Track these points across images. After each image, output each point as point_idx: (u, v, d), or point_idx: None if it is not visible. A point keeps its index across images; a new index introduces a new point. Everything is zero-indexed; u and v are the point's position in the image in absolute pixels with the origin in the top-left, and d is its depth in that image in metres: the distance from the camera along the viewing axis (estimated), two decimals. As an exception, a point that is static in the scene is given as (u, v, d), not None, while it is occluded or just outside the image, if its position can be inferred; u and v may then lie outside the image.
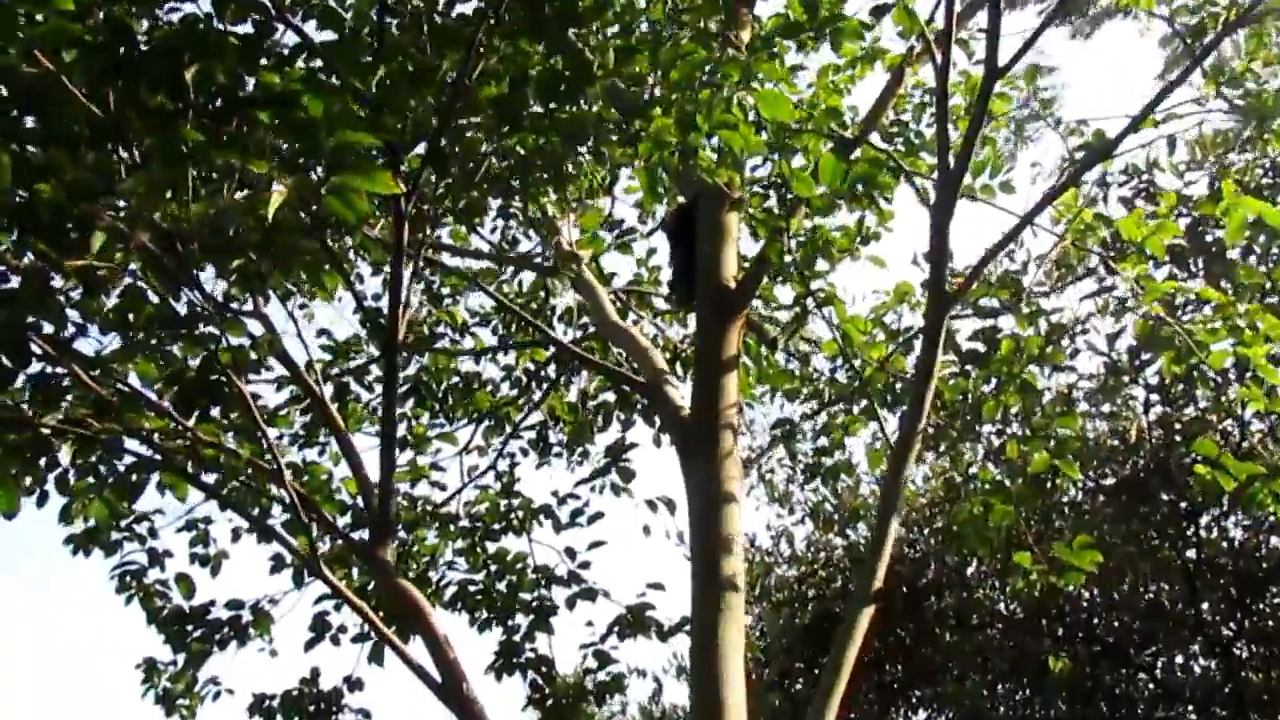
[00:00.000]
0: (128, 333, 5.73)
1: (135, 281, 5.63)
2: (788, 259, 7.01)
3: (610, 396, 10.02)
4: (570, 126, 5.38)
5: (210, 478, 6.42)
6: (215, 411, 5.79)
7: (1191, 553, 13.80)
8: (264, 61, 4.81)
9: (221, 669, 9.75)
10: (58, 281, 5.29)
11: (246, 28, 4.91)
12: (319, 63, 4.90)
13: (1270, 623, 13.85)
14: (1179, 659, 14.86)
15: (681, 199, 7.96)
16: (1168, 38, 18.12)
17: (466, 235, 9.23)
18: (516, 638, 8.89)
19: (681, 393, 7.29)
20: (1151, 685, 14.79)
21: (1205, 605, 14.00)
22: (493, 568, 9.27)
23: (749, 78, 5.32)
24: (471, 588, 9.21)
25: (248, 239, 5.01)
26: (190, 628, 8.11)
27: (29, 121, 4.60)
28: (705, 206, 7.45)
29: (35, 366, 5.25)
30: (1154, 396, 13.36)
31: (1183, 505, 13.54)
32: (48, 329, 5.16)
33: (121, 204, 4.40)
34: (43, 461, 5.69)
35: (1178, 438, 12.90)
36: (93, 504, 6.38)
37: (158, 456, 5.81)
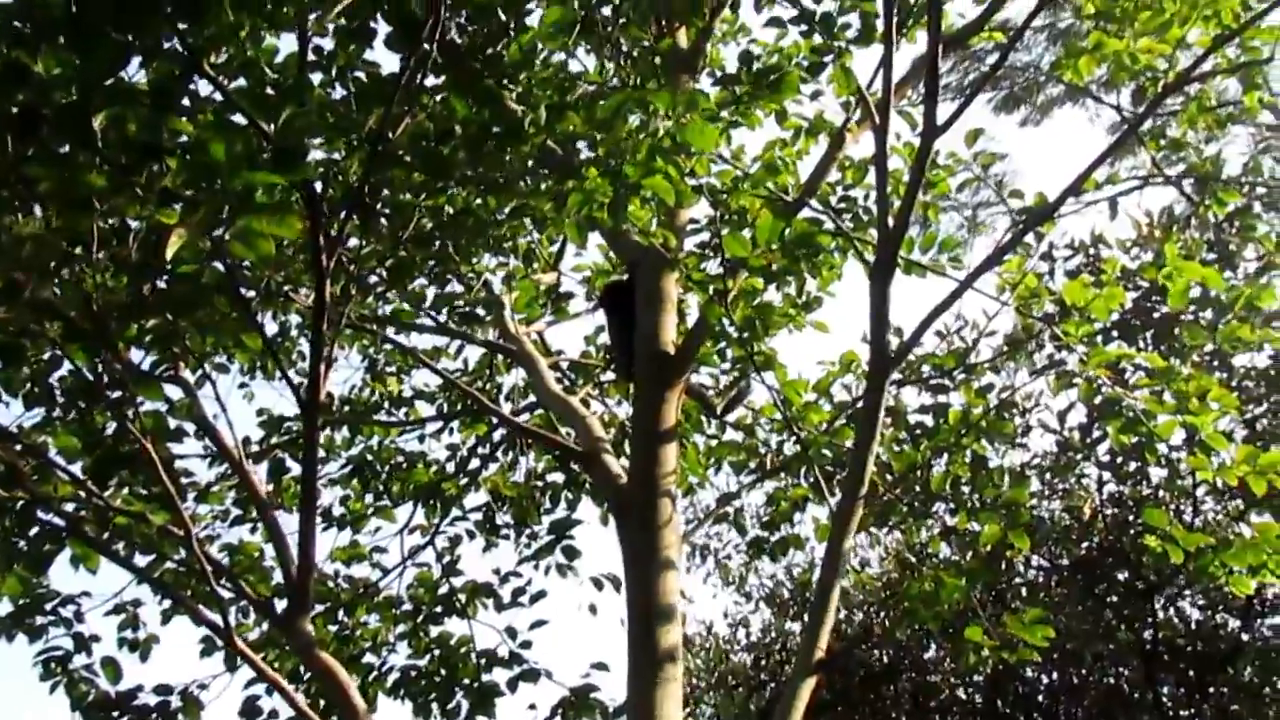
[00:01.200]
0: (49, 407, 5.58)
1: (56, 351, 5.51)
2: (726, 323, 6.90)
3: (559, 477, 9.88)
4: (495, 183, 5.28)
5: (124, 548, 6.19)
6: (131, 479, 5.61)
7: (1149, 634, 13.65)
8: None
9: (149, 757, 9.41)
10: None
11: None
12: (240, 118, 4.80)
13: (1230, 705, 13.68)
14: (1139, 743, 14.67)
15: (617, 275, 7.88)
16: (1116, 124, 18.30)
17: (414, 313, 9.11)
18: (457, 722, 8.65)
19: (620, 462, 7.14)
20: (1112, 770, 14.57)
21: (1164, 688, 13.83)
22: (436, 652, 9.05)
23: (677, 105, 5.23)
24: (414, 673, 8.98)
25: (163, 297, 4.88)
26: (116, 714, 7.80)
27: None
28: (643, 271, 7.37)
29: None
30: (1106, 474, 13.28)
31: (1139, 585, 13.42)
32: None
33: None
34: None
35: (1132, 516, 12.82)
36: (5, 580, 6.15)
37: (67, 527, 5.60)
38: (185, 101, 4.85)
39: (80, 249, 4.49)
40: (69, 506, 5.82)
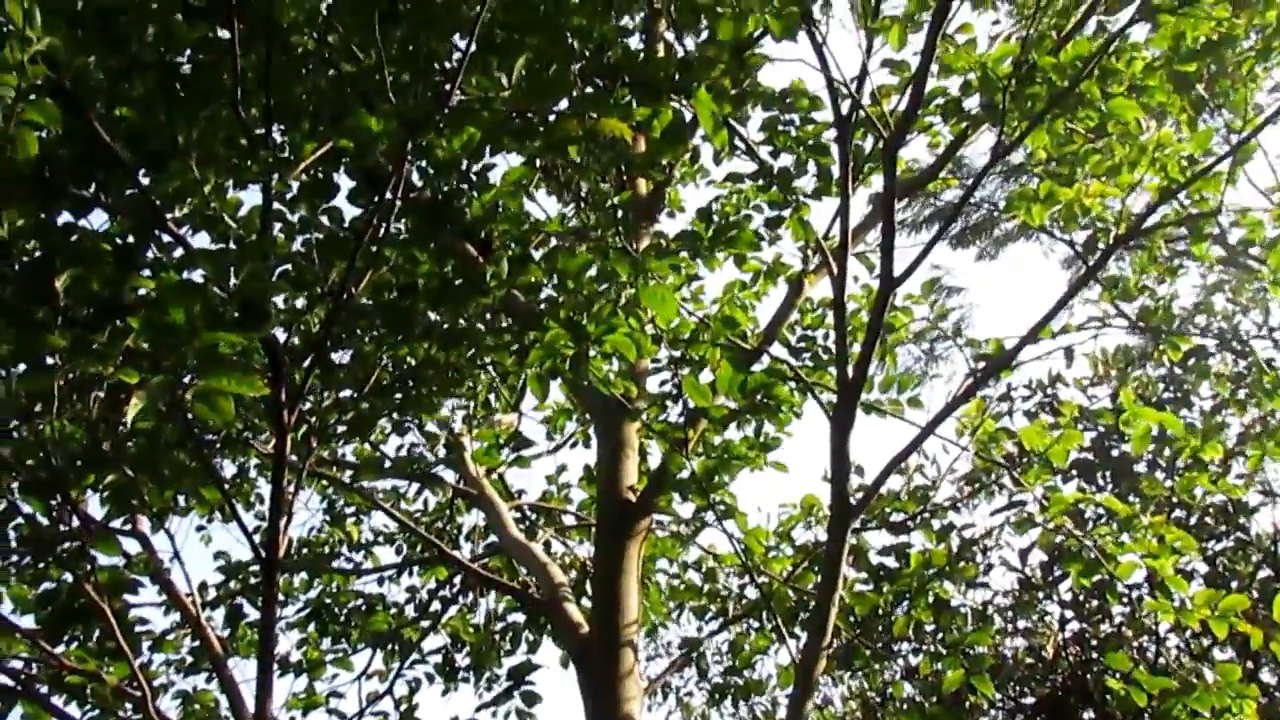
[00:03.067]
0: (3, 556, 5.52)
1: (13, 501, 5.46)
2: (686, 473, 6.90)
3: (519, 618, 9.79)
4: (456, 335, 5.31)
5: (77, 706, 6.06)
6: (86, 635, 5.52)
7: (1115, 773, 13.50)
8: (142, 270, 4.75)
9: None
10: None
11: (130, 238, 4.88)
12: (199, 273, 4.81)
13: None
14: None
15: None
16: (1070, 259, 18.58)
17: (372, 454, 9.09)
18: None
19: (581, 609, 7.09)
20: None
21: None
22: (394, 804, 8.86)
23: (638, 273, 5.29)
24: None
25: (122, 452, 4.86)
26: None
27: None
28: (606, 419, 7.38)
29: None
30: (1069, 612, 13.23)
31: (1103, 724, 13.31)
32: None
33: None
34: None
35: (1095, 654, 12.75)
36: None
37: (18, 686, 5.48)
38: (149, 252, 4.90)
39: (41, 406, 4.48)
40: (16, 662, 5.71)
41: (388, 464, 8.42)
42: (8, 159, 4.04)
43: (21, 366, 4.44)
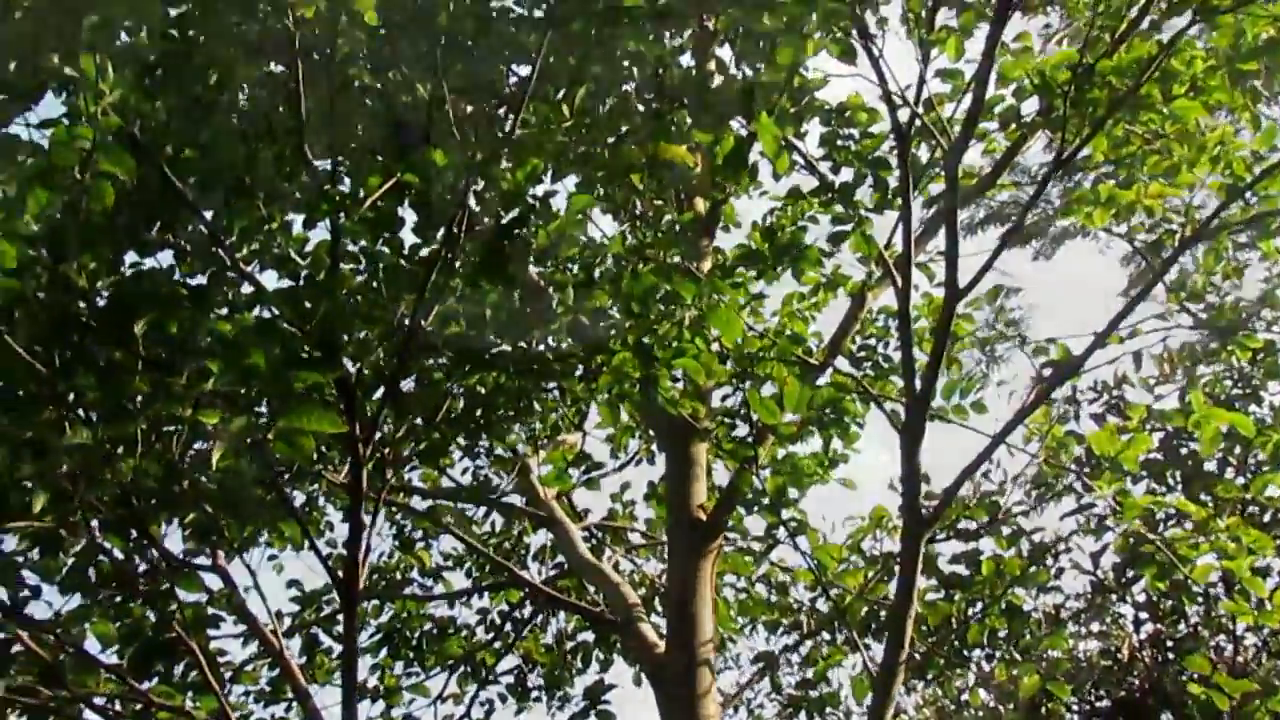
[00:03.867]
0: (87, 593, 5.58)
1: (95, 539, 5.53)
2: (757, 489, 6.90)
3: (590, 636, 9.81)
4: (524, 363, 5.35)
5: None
6: (169, 670, 5.59)
7: (1195, 776, 13.32)
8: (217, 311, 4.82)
9: None
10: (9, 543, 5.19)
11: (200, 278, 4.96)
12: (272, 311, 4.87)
13: None
14: None
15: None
16: (1129, 256, 18.38)
17: (438, 478, 9.13)
18: None
19: (656, 629, 7.10)
20: None
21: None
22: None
23: (704, 294, 5.30)
24: None
25: (201, 491, 4.93)
26: None
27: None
28: (673, 439, 7.39)
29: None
30: (1143, 614, 13.08)
31: (1183, 727, 13.14)
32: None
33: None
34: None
35: (1171, 655, 12.60)
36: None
37: (108, 722, 5.56)
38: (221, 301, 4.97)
39: (123, 449, 4.55)
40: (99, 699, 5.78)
41: (461, 491, 8.46)
42: (86, 208, 4.13)
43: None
